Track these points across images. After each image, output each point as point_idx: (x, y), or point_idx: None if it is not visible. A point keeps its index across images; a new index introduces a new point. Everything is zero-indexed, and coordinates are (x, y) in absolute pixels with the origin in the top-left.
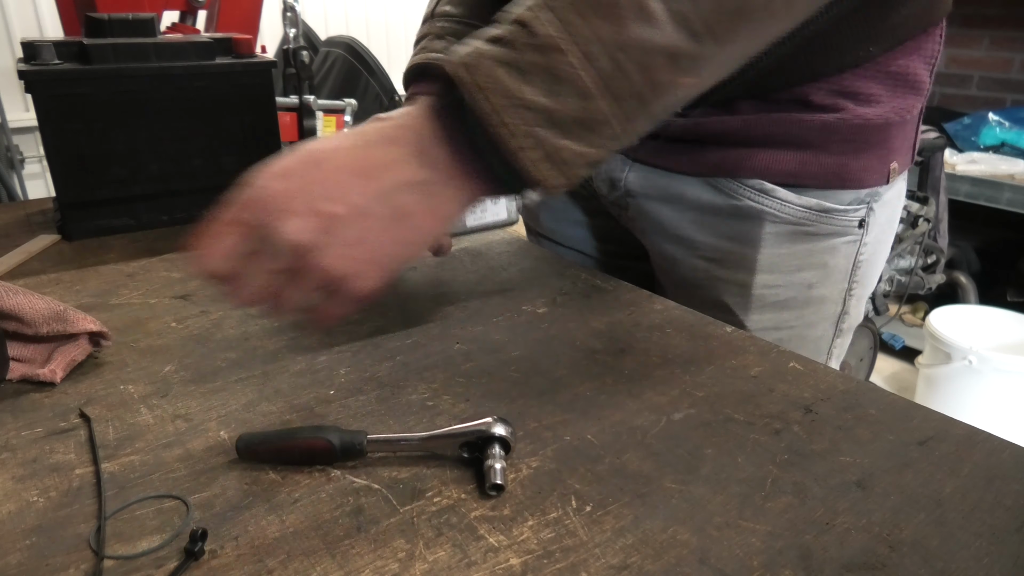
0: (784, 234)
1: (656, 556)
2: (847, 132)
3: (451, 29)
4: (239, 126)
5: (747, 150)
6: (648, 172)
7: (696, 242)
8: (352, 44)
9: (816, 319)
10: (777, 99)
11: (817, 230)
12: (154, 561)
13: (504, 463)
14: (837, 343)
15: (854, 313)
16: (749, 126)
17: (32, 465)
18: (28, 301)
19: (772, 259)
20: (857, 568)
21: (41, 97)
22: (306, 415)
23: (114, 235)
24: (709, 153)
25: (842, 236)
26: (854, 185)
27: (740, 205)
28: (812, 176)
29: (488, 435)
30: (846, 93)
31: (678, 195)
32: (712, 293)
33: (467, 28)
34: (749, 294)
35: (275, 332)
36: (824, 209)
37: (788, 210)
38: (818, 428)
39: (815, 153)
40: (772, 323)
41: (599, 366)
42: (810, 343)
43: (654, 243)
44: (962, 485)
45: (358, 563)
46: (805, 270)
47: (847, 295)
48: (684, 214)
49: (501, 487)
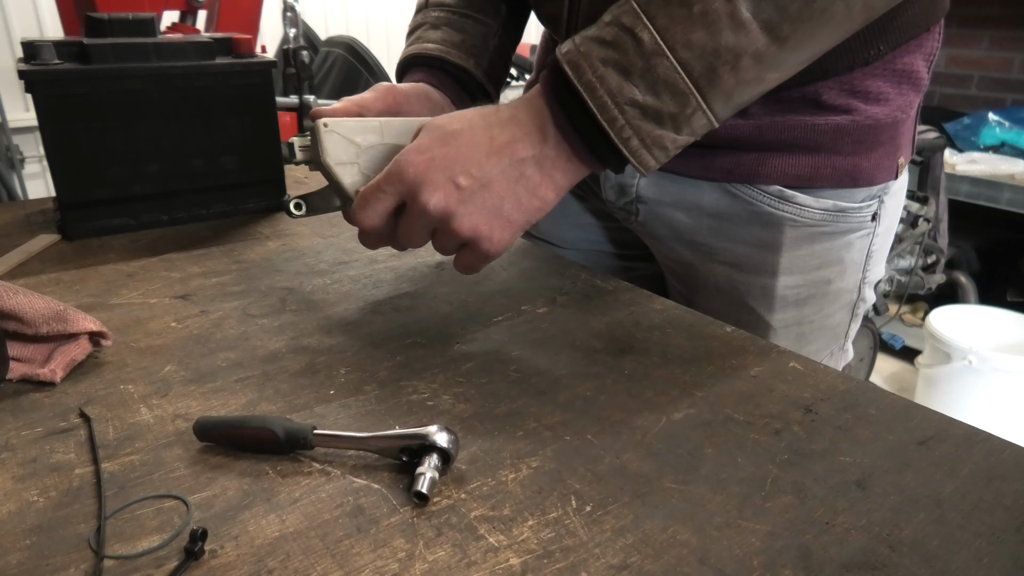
0: (803, 237)
1: (656, 556)
2: (858, 133)
3: (446, 19)
4: (239, 126)
5: (761, 155)
6: (660, 178)
7: (714, 248)
8: (352, 44)
9: (834, 309)
10: (789, 98)
11: (834, 229)
12: (154, 561)
13: (436, 474)
14: (852, 326)
15: (868, 297)
16: (762, 131)
17: (32, 465)
18: (28, 301)
19: (793, 261)
20: (857, 568)
21: (41, 97)
22: (306, 415)
23: (114, 235)
24: (722, 158)
25: (857, 231)
26: (867, 183)
27: (759, 211)
28: (826, 178)
29: (428, 443)
30: (856, 92)
31: (694, 202)
32: (734, 296)
33: (463, 19)
34: (772, 295)
35: (275, 332)
36: (840, 209)
37: (807, 214)
38: (818, 428)
39: (828, 155)
40: (794, 320)
41: (599, 366)
42: (828, 331)
43: (668, 248)
44: (962, 485)
45: (358, 563)
46: (824, 268)
47: (861, 284)
48: (700, 220)
49: (424, 497)
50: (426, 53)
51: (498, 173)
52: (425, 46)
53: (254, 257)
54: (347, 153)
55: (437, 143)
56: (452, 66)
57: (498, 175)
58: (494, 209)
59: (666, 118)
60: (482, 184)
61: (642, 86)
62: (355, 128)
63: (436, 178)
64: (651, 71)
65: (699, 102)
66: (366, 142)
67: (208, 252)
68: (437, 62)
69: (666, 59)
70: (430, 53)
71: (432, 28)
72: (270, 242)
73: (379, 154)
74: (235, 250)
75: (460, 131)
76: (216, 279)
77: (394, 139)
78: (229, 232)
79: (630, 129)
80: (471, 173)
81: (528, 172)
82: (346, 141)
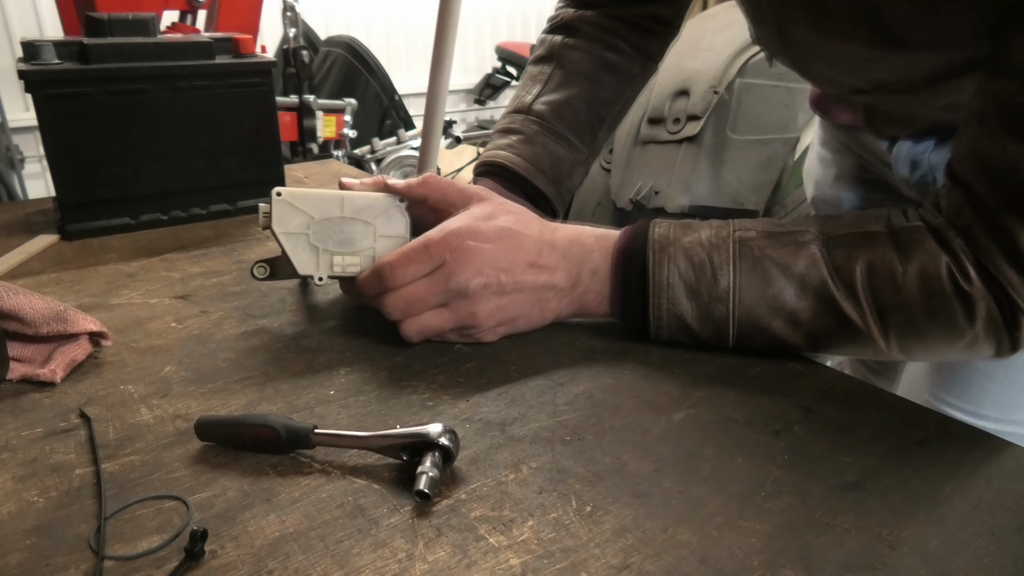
0: None
1: (656, 556)
2: None
3: (542, 138)
4: (239, 126)
5: None
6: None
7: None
8: (352, 44)
9: None
10: None
11: None
12: (154, 561)
13: (438, 472)
14: None
15: None
16: None
17: (32, 465)
18: (28, 301)
19: None
20: (857, 568)
21: (41, 97)
22: (306, 415)
23: (114, 235)
24: None
25: None
26: None
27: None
28: None
29: (429, 441)
30: None
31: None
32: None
33: (558, 141)
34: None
35: (275, 332)
36: None
37: None
38: (818, 428)
39: None
40: None
41: (599, 366)
42: None
43: None
44: (962, 485)
45: (358, 563)
46: None
47: None
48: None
49: (426, 495)
50: (511, 168)
51: (530, 286)
52: (512, 159)
53: (254, 257)
54: (296, 223)
55: (494, 235)
56: (532, 187)
57: (529, 288)
58: (511, 313)
59: (697, 333)
60: (516, 289)
61: (695, 310)
62: (310, 199)
63: (485, 268)
64: (711, 309)
65: (728, 342)
66: (321, 214)
67: (208, 252)
68: (518, 178)
69: (725, 307)
70: (515, 170)
71: (527, 142)
72: (270, 242)
73: (334, 228)
74: (235, 250)
75: (515, 233)
76: (216, 279)
77: (355, 214)
78: (229, 232)
79: (664, 326)
80: (512, 275)
81: (549, 297)
82: (297, 211)
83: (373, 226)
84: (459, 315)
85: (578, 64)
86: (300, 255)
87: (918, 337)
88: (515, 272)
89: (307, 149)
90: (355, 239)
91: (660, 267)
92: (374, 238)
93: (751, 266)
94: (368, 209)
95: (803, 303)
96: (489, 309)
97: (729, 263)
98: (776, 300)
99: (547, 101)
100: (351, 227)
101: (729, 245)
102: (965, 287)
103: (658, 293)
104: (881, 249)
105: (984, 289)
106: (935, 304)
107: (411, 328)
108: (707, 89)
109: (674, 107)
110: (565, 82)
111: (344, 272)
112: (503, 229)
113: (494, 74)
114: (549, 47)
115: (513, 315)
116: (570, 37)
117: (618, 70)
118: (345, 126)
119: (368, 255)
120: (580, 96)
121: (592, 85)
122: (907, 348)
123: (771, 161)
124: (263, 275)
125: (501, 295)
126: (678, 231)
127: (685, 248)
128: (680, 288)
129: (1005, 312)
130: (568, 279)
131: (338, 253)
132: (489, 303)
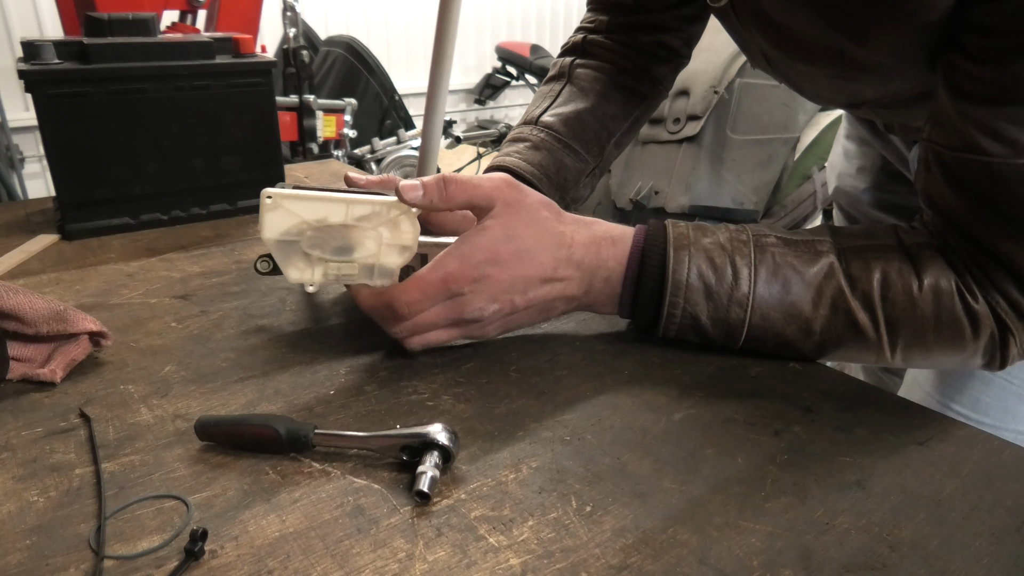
0: None
1: (656, 556)
2: None
3: (549, 145)
4: (239, 126)
5: None
6: None
7: None
8: (352, 44)
9: None
10: None
11: None
12: (154, 561)
13: (438, 472)
14: None
15: None
16: None
17: (32, 465)
18: (28, 301)
19: None
20: (857, 568)
21: (41, 97)
22: (306, 415)
23: (114, 235)
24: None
25: None
26: None
27: None
28: None
29: (429, 441)
30: None
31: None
32: None
33: (565, 150)
34: None
35: (275, 332)
36: None
37: None
38: (818, 428)
39: None
40: None
41: (599, 366)
42: None
43: None
44: (962, 485)
45: (358, 563)
46: None
47: None
48: None
49: (426, 496)
50: (518, 171)
51: (541, 299)
52: (520, 164)
53: (254, 257)
54: (287, 230)
55: (512, 259)
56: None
57: (540, 300)
58: (518, 324)
59: (708, 334)
60: (527, 306)
61: (711, 311)
62: (306, 202)
63: (501, 296)
64: (728, 311)
65: (737, 345)
66: (318, 219)
67: (208, 252)
68: (523, 182)
69: (743, 313)
70: (522, 173)
71: (534, 149)
72: None
73: (333, 235)
74: (235, 250)
75: (533, 253)
76: (216, 279)
77: (358, 221)
78: (229, 232)
79: (676, 324)
80: (526, 294)
81: (558, 305)
82: (290, 215)
83: (378, 234)
84: (467, 332)
85: (588, 81)
86: (291, 263)
87: (923, 348)
88: (529, 291)
89: (307, 149)
90: (355, 247)
91: (680, 266)
92: (378, 247)
93: (771, 272)
94: (374, 216)
95: (819, 312)
96: (498, 327)
97: (750, 268)
98: (794, 308)
99: (556, 113)
100: (352, 234)
101: (750, 249)
102: (973, 304)
103: (675, 292)
104: (896, 262)
105: (987, 307)
106: (946, 319)
107: (416, 343)
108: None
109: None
110: (574, 97)
111: (339, 280)
112: (522, 251)
113: (494, 74)
114: (560, 68)
115: (519, 324)
116: (581, 58)
117: (627, 89)
118: (345, 126)
119: (368, 264)
120: (588, 111)
121: (601, 101)
122: (909, 357)
123: (771, 161)
124: (266, 269)
125: (512, 314)
126: (696, 232)
127: (705, 249)
128: (699, 289)
129: (1001, 331)
130: (580, 287)
131: (334, 261)
132: (499, 323)
